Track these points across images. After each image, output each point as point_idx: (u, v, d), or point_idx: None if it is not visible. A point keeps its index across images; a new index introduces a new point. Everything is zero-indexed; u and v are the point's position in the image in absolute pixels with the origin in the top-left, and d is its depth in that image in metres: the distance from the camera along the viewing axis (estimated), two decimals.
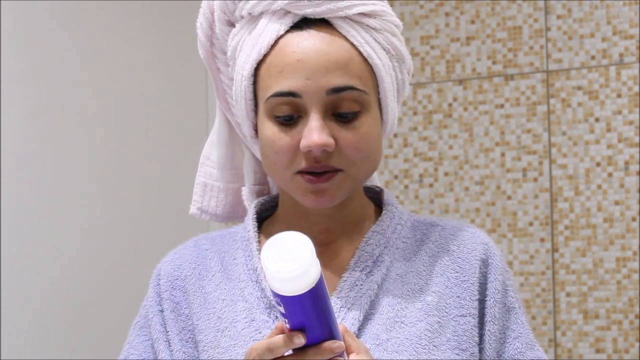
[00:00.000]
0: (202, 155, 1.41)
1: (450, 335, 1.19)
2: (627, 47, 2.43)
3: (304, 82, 1.15)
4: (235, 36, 1.25)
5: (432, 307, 1.20)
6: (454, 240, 1.26)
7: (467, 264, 1.23)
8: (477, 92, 2.55)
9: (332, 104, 1.16)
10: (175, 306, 1.28)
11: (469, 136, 2.55)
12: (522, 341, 1.23)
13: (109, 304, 2.35)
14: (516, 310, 1.24)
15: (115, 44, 2.43)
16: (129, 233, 2.43)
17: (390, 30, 1.22)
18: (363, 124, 1.17)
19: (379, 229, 1.24)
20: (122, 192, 2.41)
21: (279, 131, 1.17)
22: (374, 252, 1.23)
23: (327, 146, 1.15)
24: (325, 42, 1.17)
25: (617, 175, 2.42)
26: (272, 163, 1.19)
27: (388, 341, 1.17)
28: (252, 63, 1.20)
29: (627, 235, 2.40)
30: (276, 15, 1.19)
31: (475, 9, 2.57)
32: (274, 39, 1.18)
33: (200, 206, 1.39)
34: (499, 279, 1.23)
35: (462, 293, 1.22)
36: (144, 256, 2.47)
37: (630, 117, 2.42)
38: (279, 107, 1.17)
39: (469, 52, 2.56)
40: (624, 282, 2.39)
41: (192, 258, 1.30)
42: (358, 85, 1.17)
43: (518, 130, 2.51)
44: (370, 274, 1.21)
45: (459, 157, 2.55)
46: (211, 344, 1.22)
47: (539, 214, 2.47)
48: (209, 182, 1.40)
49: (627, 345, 2.38)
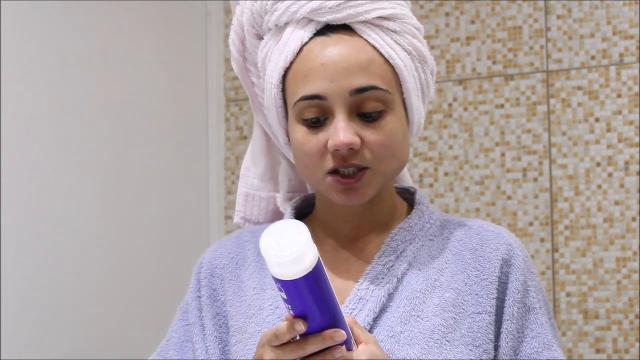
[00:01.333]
0: (243, 167, 1.46)
1: (465, 331, 1.22)
2: (627, 47, 2.43)
3: (328, 84, 1.21)
4: (263, 48, 1.30)
5: (449, 303, 1.23)
6: (478, 239, 1.29)
7: (488, 262, 1.27)
8: (477, 92, 2.55)
9: (356, 104, 1.22)
10: (212, 292, 1.35)
11: (469, 136, 2.55)
12: (539, 341, 1.25)
13: (109, 304, 2.35)
14: (536, 310, 1.27)
15: (115, 44, 2.43)
16: (129, 233, 2.43)
17: (411, 32, 1.27)
18: (387, 123, 1.23)
19: (406, 226, 1.30)
20: (122, 192, 2.41)
21: (307, 133, 1.23)
22: (398, 247, 1.28)
23: (352, 144, 1.20)
24: (347, 46, 1.23)
25: (617, 175, 2.42)
26: (304, 165, 1.25)
27: (401, 334, 1.21)
28: (279, 71, 1.26)
29: (627, 235, 2.40)
30: (300, 24, 1.25)
31: (475, 9, 2.57)
32: (299, 46, 1.24)
33: (243, 215, 1.45)
34: (520, 279, 1.26)
35: (480, 291, 1.25)
36: (144, 256, 2.47)
37: (630, 117, 2.41)
38: (307, 110, 1.23)
39: (469, 52, 2.56)
40: (624, 282, 2.39)
41: (232, 248, 1.38)
42: (380, 85, 1.22)
43: (518, 130, 2.51)
44: (392, 268, 1.26)
45: (459, 157, 2.55)
46: (240, 329, 1.28)
47: (539, 214, 2.47)
48: (250, 192, 1.45)
49: (627, 345, 2.38)
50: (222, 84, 2.79)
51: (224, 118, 2.78)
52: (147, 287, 2.46)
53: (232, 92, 2.79)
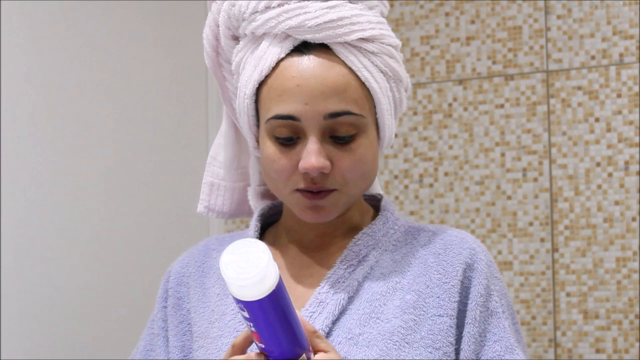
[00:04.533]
0: (210, 156, 1.46)
1: (425, 333, 1.22)
2: (627, 47, 2.43)
3: (303, 106, 1.20)
4: (239, 52, 1.29)
5: (409, 305, 1.23)
6: (441, 243, 1.30)
7: (450, 266, 1.27)
8: (477, 92, 2.55)
9: (329, 128, 1.21)
10: (177, 301, 1.36)
11: (469, 136, 2.55)
12: (502, 344, 1.25)
13: (108, 304, 2.35)
14: (499, 314, 1.26)
15: (115, 44, 2.43)
16: (129, 233, 2.42)
17: (388, 52, 1.26)
18: (359, 146, 1.23)
19: (370, 232, 1.30)
20: (122, 192, 2.41)
21: (278, 152, 1.23)
22: (360, 252, 1.28)
23: (323, 169, 1.20)
24: (324, 68, 1.22)
25: (617, 175, 2.42)
26: (272, 180, 1.25)
27: (360, 336, 1.21)
28: (253, 83, 1.25)
29: (627, 235, 2.40)
30: (277, 38, 1.24)
31: (475, 9, 2.57)
32: (275, 62, 1.23)
33: (207, 205, 1.45)
34: (482, 283, 1.26)
35: (442, 294, 1.25)
36: (144, 256, 2.47)
37: (630, 117, 2.41)
38: (279, 129, 1.22)
39: (469, 52, 2.56)
40: (624, 282, 2.39)
41: (199, 257, 1.39)
42: (354, 110, 1.22)
43: (518, 130, 2.51)
44: (353, 272, 1.26)
45: (459, 157, 2.55)
46: (202, 335, 1.29)
47: (539, 214, 2.47)
48: (215, 181, 1.45)
49: (627, 345, 2.38)
50: None
51: None
52: (147, 287, 2.46)
53: None
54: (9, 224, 2.09)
